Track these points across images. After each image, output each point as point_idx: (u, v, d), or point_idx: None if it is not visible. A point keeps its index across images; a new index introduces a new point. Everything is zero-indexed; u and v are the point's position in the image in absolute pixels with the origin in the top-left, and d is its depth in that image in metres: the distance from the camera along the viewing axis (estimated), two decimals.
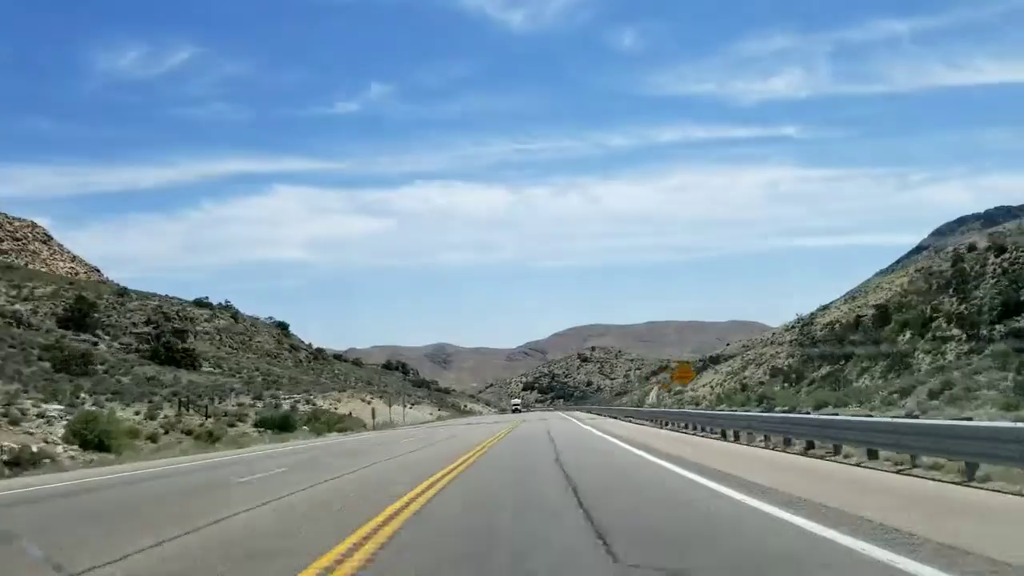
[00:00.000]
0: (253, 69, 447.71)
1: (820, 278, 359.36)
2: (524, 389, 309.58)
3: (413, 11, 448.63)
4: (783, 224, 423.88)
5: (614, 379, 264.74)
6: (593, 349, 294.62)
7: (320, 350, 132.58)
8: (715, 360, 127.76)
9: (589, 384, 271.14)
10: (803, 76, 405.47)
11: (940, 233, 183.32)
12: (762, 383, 65.79)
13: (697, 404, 71.33)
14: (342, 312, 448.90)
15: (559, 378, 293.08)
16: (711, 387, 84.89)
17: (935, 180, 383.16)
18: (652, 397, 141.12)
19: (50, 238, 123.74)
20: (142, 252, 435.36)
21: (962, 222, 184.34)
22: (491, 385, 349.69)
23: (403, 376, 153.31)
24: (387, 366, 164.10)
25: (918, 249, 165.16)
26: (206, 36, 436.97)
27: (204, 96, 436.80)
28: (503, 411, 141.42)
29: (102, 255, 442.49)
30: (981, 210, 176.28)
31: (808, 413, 20.83)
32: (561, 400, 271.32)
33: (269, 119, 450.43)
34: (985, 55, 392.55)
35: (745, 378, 75.18)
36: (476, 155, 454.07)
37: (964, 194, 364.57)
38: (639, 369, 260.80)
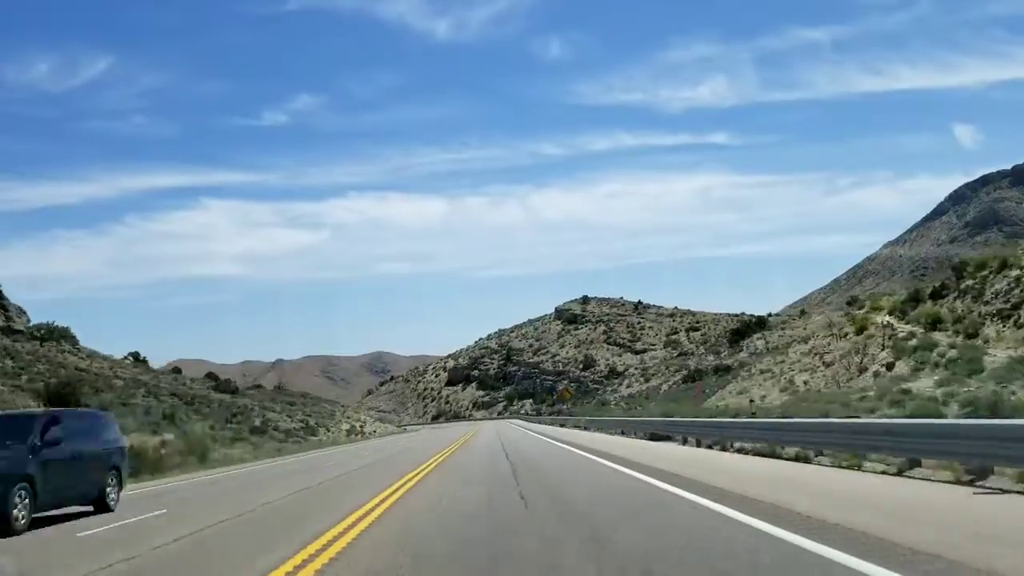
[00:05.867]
0: (174, 81, 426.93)
1: (757, 282, 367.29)
2: (449, 383, 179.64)
3: (336, 21, 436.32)
4: (717, 230, 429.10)
5: (640, 351, 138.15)
6: (586, 301, 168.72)
7: None
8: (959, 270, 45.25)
9: (588, 366, 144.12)
10: (728, 84, 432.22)
11: (958, 197, 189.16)
12: None
13: None
14: (273, 325, 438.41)
15: (520, 357, 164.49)
16: None
17: (862, 184, 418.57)
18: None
19: None
20: (68, 271, 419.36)
21: (986, 181, 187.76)
22: (388, 381, 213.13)
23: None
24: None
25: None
26: (122, 47, 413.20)
27: (124, 109, 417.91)
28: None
29: (25, 275, 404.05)
30: (1008, 166, 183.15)
31: None
32: (529, 401, 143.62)
33: (193, 131, 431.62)
34: (901, 62, 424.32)
35: None
36: (409, 166, 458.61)
37: (890, 197, 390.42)
38: (697, 328, 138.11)
